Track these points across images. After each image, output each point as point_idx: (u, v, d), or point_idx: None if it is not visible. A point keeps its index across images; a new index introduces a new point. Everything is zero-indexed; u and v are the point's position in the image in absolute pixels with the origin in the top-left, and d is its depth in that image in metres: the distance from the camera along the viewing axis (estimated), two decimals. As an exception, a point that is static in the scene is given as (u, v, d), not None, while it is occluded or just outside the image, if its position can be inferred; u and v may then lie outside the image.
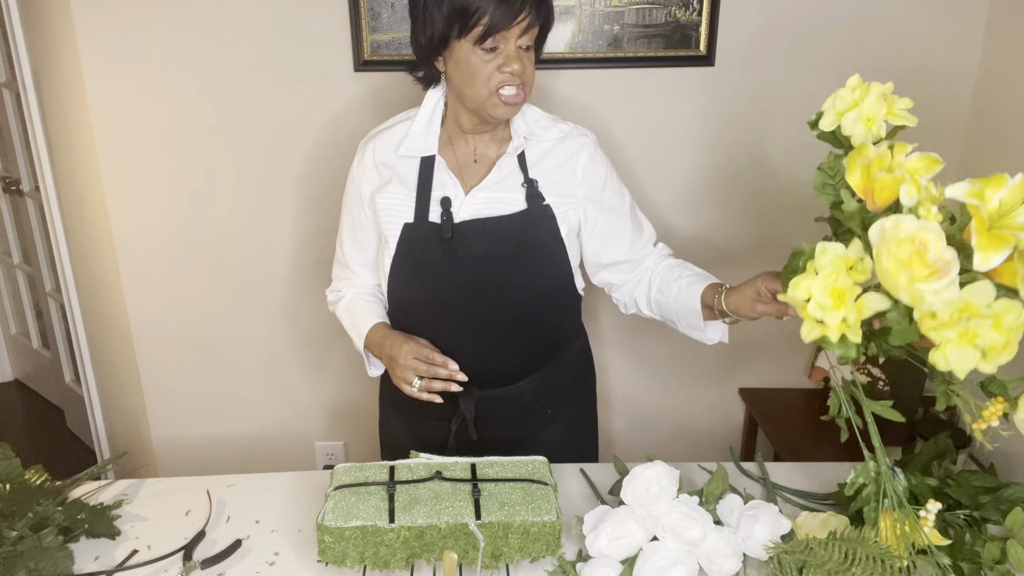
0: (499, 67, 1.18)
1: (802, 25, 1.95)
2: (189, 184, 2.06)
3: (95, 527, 1.14)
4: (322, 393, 2.28)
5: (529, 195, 1.30)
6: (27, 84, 2.18)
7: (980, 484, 1.17)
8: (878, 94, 0.86)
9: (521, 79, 1.20)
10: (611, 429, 2.33)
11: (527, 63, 1.20)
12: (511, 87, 1.19)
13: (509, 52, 1.18)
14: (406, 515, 1.04)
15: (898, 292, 0.79)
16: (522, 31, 1.17)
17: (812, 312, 0.84)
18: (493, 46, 1.17)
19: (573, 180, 1.33)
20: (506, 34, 1.16)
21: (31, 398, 3.28)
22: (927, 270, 0.77)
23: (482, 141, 1.32)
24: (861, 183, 0.87)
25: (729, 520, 1.08)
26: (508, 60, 1.18)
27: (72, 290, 2.38)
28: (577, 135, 1.35)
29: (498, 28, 1.15)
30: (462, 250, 1.28)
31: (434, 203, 1.30)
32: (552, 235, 1.31)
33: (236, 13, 1.91)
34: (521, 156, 1.32)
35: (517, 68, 1.18)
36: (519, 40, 1.18)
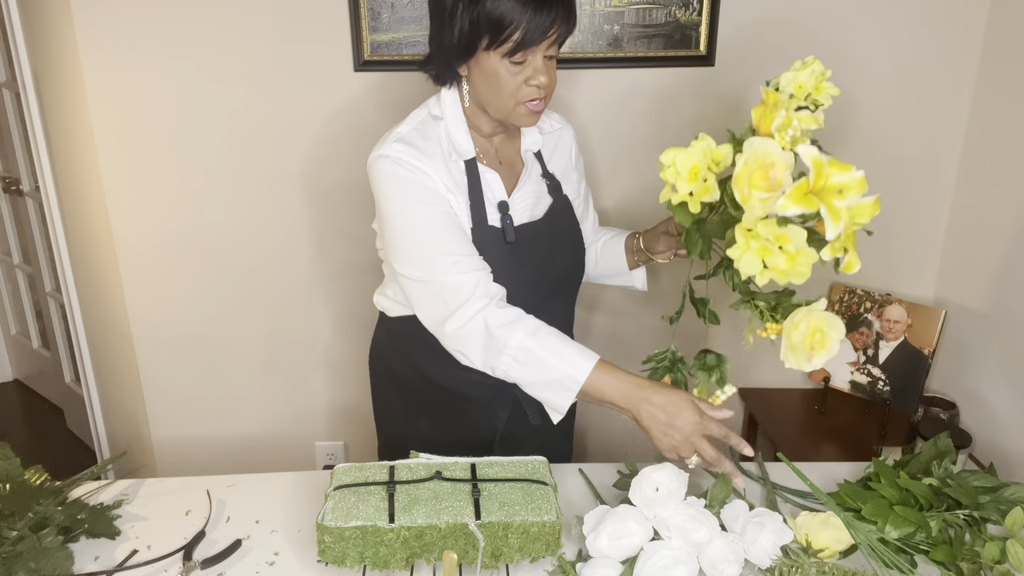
0: (527, 79, 1.17)
1: (802, 25, 1.95)
2: (189, 184, 2.06)
3: (95, 527, 1.14)
4: (322, 393, 2.28)
5: (551, 188, 1.36)
6: (27, 84, 2.18)
7: (980, 484, 1.17)
8: (817, 72, 1.07)
9: (547, 91, 1.20)
10: (612, 429, 2.33)
11: (552, 74, 1.20)
12: (538, 101, 1.20)
13: (537, 65, 1.17)
14: (406, 515, 1.04)
15: (738, 191, 0.99)
16: (550, 44, 1.17)
17: (669, 176, 1.08)
18: (523, 60, 1.16)
19: (569, 166, 1.41)
20: (535, 48, 1.15)
21: (31, 398, 3.28)
22: (765, 183, 0.97)
23: (499, 140, 1.34)
24: (759, 115, 1.07)
25: (733, 525, 1.08)
26: (536, 73, 1.17)
27: (72, 290, 2.38)
28: (567, 124, 1.44)
29: (530, 44, 1.13)
30: (523, 252, 1.29)
31: (491, 207, 1.27)
32: (575, 223, 1.40)
33: (236, 13, 1.92)
34: (538, 152, 1.37)
35: (544, 80, 1.17)
36: (546, 52, 1.18)
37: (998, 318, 1.89)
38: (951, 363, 2.06)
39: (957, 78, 2.00)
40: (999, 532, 1.11)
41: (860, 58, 1.98)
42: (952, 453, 1.23)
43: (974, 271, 2.00)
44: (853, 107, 2.02)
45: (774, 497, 1.23)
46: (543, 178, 1.36)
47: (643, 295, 2.17)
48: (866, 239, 2.19)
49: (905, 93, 2.02)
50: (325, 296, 2.17)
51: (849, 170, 0.96)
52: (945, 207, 2.10)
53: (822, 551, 1.08)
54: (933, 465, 1.21)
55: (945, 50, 1.98)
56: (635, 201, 2.10)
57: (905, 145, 2.06)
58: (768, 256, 0.98)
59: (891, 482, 1.16)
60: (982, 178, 1.98)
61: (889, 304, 2.09)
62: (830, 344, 1.04)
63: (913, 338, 2.05)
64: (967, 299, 2.02)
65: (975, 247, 2.00)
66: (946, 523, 1.11)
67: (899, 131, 2.04)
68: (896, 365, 2.07)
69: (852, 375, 2.14)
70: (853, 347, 2.14)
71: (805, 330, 1.04)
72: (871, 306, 2.11)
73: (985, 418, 1.92)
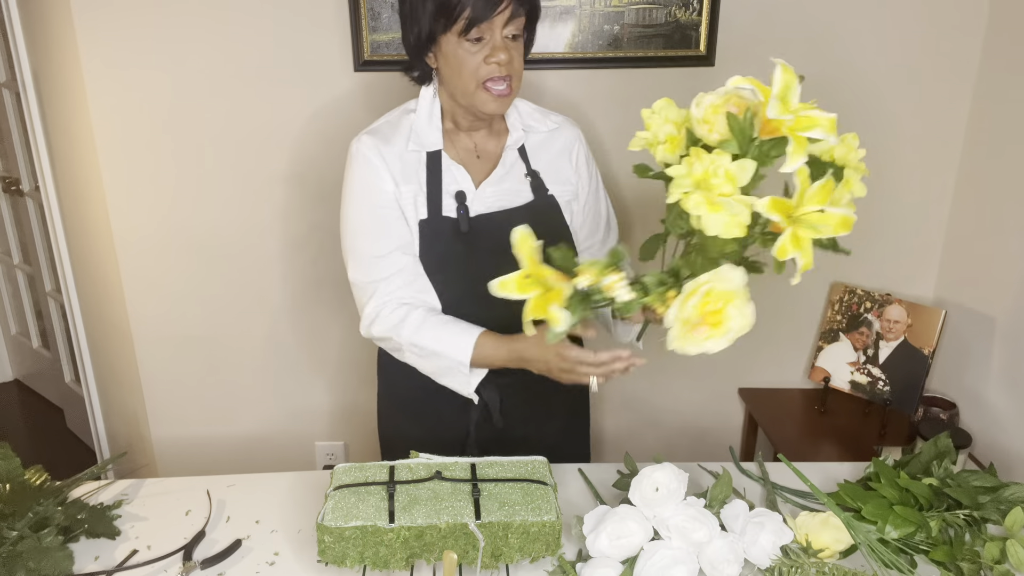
0: (485, 58, 1.19)
1: (802, 25, 1.95)
2: (189, 184, 2.06)
3: (95, 527, 1.14)
4: (322, 393, 2.28)
5: (534, 186, 1.34)
6: (27, 84, 2.18)
7: (980, 484, 1.17)
8: (854, 146, 1.09)
9: (508, 70, 1.20)
10: (611, 429, 2.33)
11: (514, 54, 1.21)
12: (499, 82, 1.20)
13: (495, 42, 1.19)
14: (406, 515, 1.04)
15: (699, 132, 1.01)
16: (506, 20, 1.18)
17: (645, 135, 1.10)
18: (478, 36, 1.18)
19: (570, 168, 1.38)
20: (490, 23, 1.17)
21: (31, 398, 3.28)
22: (716, 137, 0.99)
23: (480, 136, 1.34)
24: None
25: (733, 525, 1.08)
26: (494, 51, 1.19)
27: (72, 290, 2.38)
28: (569, 125, 1.40)
29: (481, 18, 1.16)
30: (479, 244, 1.29)
31: (448, 197, 1.30)
32: (560, 225, 1.36)
33: (236, 13, 1.92)
34: (522, 148, 1.34)
35: (504, 58, 1.19)
36: (505, 29, 1.19)
37: (998, 318, 1.89)
38: (951, 363, 2.06)
39: (957, 78, 2.00)
40: (999, 532, 1.11)
41: (860, 58, 1.98)
42: (952, 453, 1.23)
43: (974, 271, 2.00)
44: (853, 107, 2.02)
45: (774, 497, 1.23)
46: (527, 176, 1.34)
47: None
48: (866, 239, 2.20)
49: (905, 93, 2.01)
50: (325, 296, 2.17)
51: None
52: (945, 207, 2.10)
53: (822, 551, 1.08)
54: (933, 465, 1.21)
55: (945, 50, 1.97)
56: (635, 201, 2.10)
57: (905, 145, 2.06)
58: (713, 208, 0.94)
59: (891, 482, 1.16)
60: (982, 178, 1.98)
61: (889, 304, 2.09)
62: (727, 324, 0.94)
63: (913, 338, 2.05)
64: (967, 299, 2.02)
65: (975, 247, 2.00)
66: (946, 523, 1.11)
67: (899, 131, 2.04)
68: (896, 365, 2.07)
69: (852, 375, 2.14)
70: (853, 347, 2.14)
71: (700, 300, 0.93)
72: (871, 306, 2.11)
73: (985, 418, 1.92)
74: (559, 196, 1.36)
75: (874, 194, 2.17)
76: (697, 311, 0.93)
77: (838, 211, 0.94)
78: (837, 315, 2.16)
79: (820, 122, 0.94)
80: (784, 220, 0.93)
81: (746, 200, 0.94)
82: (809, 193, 0.94)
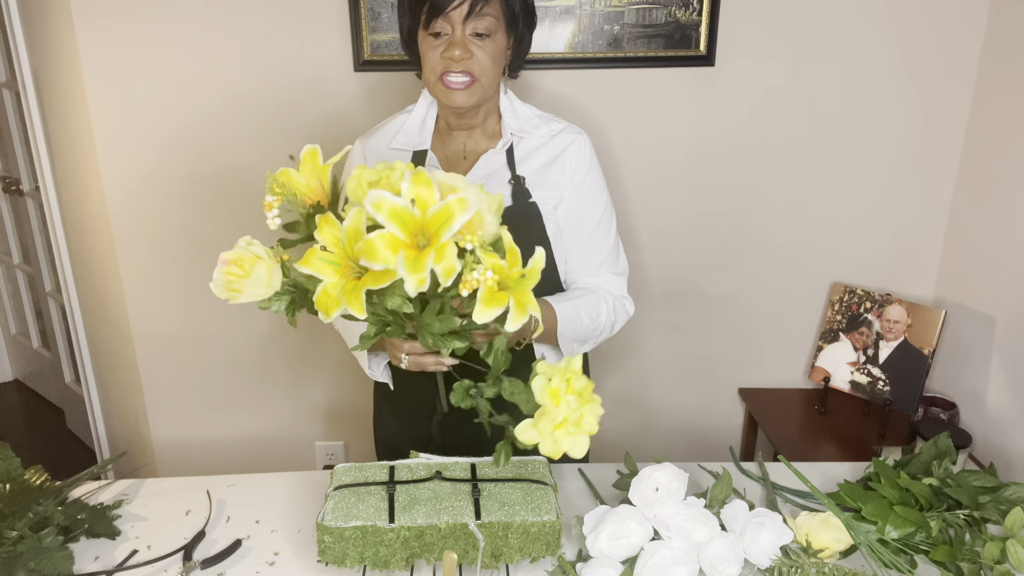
0: (442, 53, 1.21)
1: (802, 25, 1.95)
2: (189, 184, 2.06)
3: (95, 527, 1.14)
4: (322, 393, 2.28)
5: (515, 191, 1.30)
6: (27, 84, 2.18)
7: (980, 484, 1.17)
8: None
9: (465, 65, 1.21)
10: (612, 429, 2.33)
11: (477, 51, 1.21)
12: (453, 74, 1.21)
13: (454, 38, 1.20)
14: (406, 515, 1.04)
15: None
16: (465, 16, 1.18)
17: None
18: (437, 31, 1.20)
19: (561, 175, 1.32)
20: (448, 19, 1.18)
21: (31, 398, 3.28)
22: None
23: (472, 138, 1.34)
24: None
25: (733, 525, 1.08)
26: (450, 46, 1.20)
27: (72, 290, 2.38)
28: (571, 132, 1.35)
29: (436, 11, 1.18)
30: None
31: None
32: (537, 234, 1.31)
33: (236, 13, 1.92)
34: (509, 152, 1.32)
35: (457, 53, 1.19)
36: (467, 26, 1.19)
37: (998, 318, 1.89)
38: (951, 363, 2.06)
39: (957, 78, 2.00)
40: (999, 532, 1.11)
41: (860, 58, 1.98)
42: (952, 453, 1.23)
43: (974, 271, 2.00)
44: (852, 107, 2.02)
45: (774, 497, 1.23)
46: (510, 181, 1.31)
47: (640, 297, 2.18)
48: (866, 239, 2.20)
49: (905, 93, 2.02)
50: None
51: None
52: (945, 207, 2.10)
53: (822, 551, 1.08)
54: (933, 465, 1.21)
55: (945, 50, 1.98)
56: (633, 201, 2.10)
57: (905, 145, 2.06)
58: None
59: (891, 482, 1.16)
60: (982, 178, 1.98)
61: (889, 304, 2.09)
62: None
63: (913, 338, 2.05)
64: (967, 299, 2.02)
65: (975, 247, 2.00)
66: (946, 523, 1.11)
67: (899, 131, 2.04)
68: (896, 365, 2.07)
69: (852, 375, 2.14)
70: (853, 347, 2.14)
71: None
72: (871, 306, 2.11)
73: (985, 418, 1.92)
74: (542, 203, 1.31)
75: (874, 194, 2.18)
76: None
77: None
78: (837, 315, 2.16)
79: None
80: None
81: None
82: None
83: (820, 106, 2.03)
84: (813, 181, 2.09)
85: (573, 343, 1.32)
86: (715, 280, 2.18)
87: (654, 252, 2.15)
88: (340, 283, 0.92)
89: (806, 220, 2.13)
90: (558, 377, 0.94)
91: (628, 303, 1.39)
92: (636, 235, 2.13)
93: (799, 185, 2.10)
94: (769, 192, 2.10)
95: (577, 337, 1.31)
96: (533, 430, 0.94)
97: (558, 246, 1.34)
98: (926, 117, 2.04)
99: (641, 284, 2.16)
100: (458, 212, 0.88)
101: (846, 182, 2.09)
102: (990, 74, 1.95)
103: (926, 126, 2.05)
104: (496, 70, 1.25)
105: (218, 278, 0.98)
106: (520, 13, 1.25)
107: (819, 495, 1.14)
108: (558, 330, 1.27)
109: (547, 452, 0.94)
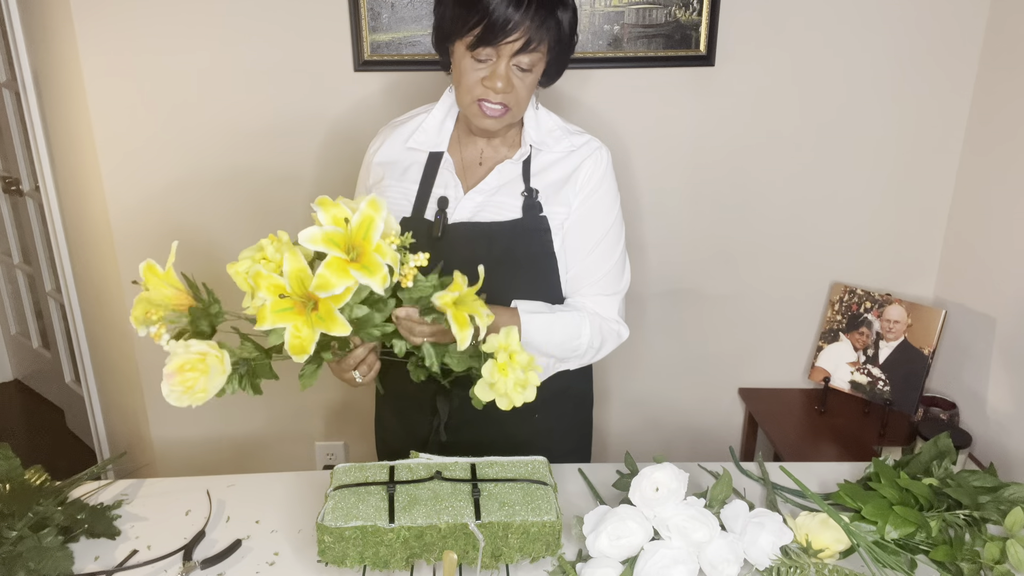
0: (483, 79, 1.17)
1: (802, 24, 1.95)
2: (189, 184, 2.06)
3: (95, 527, 1.14)
4: (322, 393, 2.28)
5: (526, 205, 1.28)
6: (27, 84, 2.18)
7: (980, 484, 1.17)
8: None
9: (503, 98, 1.18)
10: (612, 429, 2.33)
11: (518, 84, 1.18)
12: (491, 104, 1.19)
13: (499, 69, 1.16)
14: (406, 515, 1.04)
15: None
16: (515, 51, 1.15)
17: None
18: (485, 58, 1.16)
19: (574, 190, 1.29)
20: (499, 49, 1.15)
21: (31, 398, 3.28)
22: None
23: (491, 145, 1.32)
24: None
25: (733, 525, 1.08)
26: (493, 76, 1.16)
27: (72, 290, 2.38)
28: (591, 148, 1.31)
29: (487, 42, 1.14)
30: (449, 252, 1.24)
31: (433, 201, 1.29)
32: (544, 248, 1.28)
33: (236, 13, 1.91)
34: (526, 163, 1.29)
35: (500, 86, 1.16)
36: (513, 59, 1.16)
37: (998, 318, 1.89)
38: (951, 363, 2.06)
39: (957, 78, 2.00)
40: (999, 532, 1.11)
41: (860, 57, 1.98)
42: (952, 453, 1.23)
43: (974, 271, 2.00)
44: (852, 107, 2.02)
45: (774, 497, 1.23)
46: (523, 193, 1.28)
47: (640, 297, 2.18)
48: (866, 239, 2.20)
49: (905, 93, 2.02)
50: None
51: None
52: (945, 207, 2.10)
53: (822, 551, 1.08)
54: (933, 465, 1.21)
55: (945, 50, 1.98)
56: (633, 201, 2.10)
57: (905, 145, 2.06)
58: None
59: (891, 482, 1.16)
60: (982, 178, 1.98)
61: (889, 304, 2.09)
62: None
63: (913, 338, 2.05)
64: (967, 299, 2.02)
65: (975, 247, 2.00)
66: (946, 523, 1.11)
67: (899, 131, 2.04)
68: (896, 365, 2.07)
69: (852, 375, 2.14)
70: (853, 347, 2.14)
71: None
72: (871, 306, 2.11)
73: (985, 418, 1.92)
74: (552, 217, 1.28)
75: (874, 194, 2.18)
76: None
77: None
78: (837, 315, 2.16)
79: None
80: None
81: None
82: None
83: (820, 106, 2.03)
84: (813, 181, 2.09)
85: (544, 357, 1.29)
86: (715, 280, 2.18)
87: (654, 252, 2.15)
88: (307, 319, 0.99)
89: (806, 220, 2.13)
90: (503, 353, 1.04)
91: (621, 328, 1.34)
92: (636, 235, 2.13)
93: (799, 185, 2.10)
94: (769, 192, 2.10)
95: (549, 352, 1.28)
96: (489, 390, 1.05)
97: (564, 262, 1.31)
98: (926, 116, 2.04)
99: (641, 284, 2.16)
100: (375, 213, 0.99)
101: (846, 182, 2.09)
102: (990, 74, 1.95)
103: (926, 125, 2.05)
104: (530, 97, 1.23)
105: (174, 390, 0.98)
106: (564, 43, 1.21)
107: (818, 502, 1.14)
108: (522, 338, 1.21)
109: (502, 406, 1.05)
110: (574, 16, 1.21)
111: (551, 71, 1.25)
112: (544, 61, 1.20)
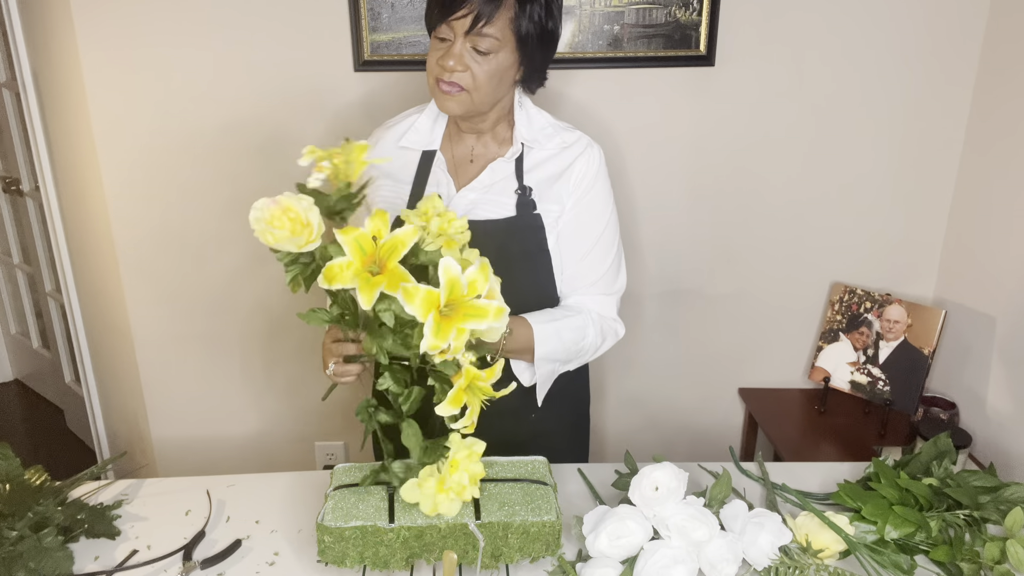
0: (439, 59, 1.21)
1: (802, 25, 1.95)
2: (189, 184, 2.06)
3: (95, 527, 1.14)
4: (322, 393, 2.28)
5: (520, 202, 1.29)
6: (27, 84, 2.18)
7: (980, 484, 1.17)
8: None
9: (455, 77, 1.20)
10: (611, 429, 2.33)
11: (474, 65, 1.20)
12: (444, 82, 1.21)
13: (454, 49, 1.19)
14: (406, 515, 1.04)
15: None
16: (467, 29, 1.17)
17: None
18: (441, 36, 1.21)
19: (567, 188, 1.30)
20: (452, 27, 1.18)
21: (31, 398, 3.28)
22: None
23: (481, 142, 1.32)
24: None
25: (732, 525, 1.08)
26: (446, 55, 1.20)
27: (72, 290, 2.38)
28: (583, 145, 1.31)
29: (440, 17, 1.18)
30: None
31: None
32: (538, 245, 1.29)
33: (236, 13, 1.92)
34: (519, 161, 1.30)
35: (450, 63, 1.19)
36: (470, 39, 1.18)
37: (998, 318, 1.89)
38: (951, 363, 2.06)
39: (957, 78, 2.00)
40: (999, 532, 1.11)
41: (860, 57, 1.98)
42: (952, 453, 1.23)
43: (974, 271, 2.00)
44: (853, 107, 2.02)
45: (774, 497, 1.23)
46: (516, 191, 1.29)
47: (640, 297, 2.18)
48: (866, 239, 2.20)
49: (905, 91, 2.02)
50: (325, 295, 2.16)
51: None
52: (945, 207, 2.10)
53: (821, 551, 1.08)
54: (933, 465, 1.21)
55: (945, 50, 1.98)
56: (633, 201, 2.10)
57: (905, 145, 2.06)
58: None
59: (891, 482, 1.16)
60: (982, 178, 1.98)
61: (889, 304, 2.09)
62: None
63: (913, 338, 2.05)
64: (967, 299, 2.02)
65: (975, 247, 2.00)
66: (946, 523, 1.11)
67: (899, 130, 2.04)
68: (896, 365, 2.07)
69: (852, 375, 2.14)
70: (853, 347, 2.14)
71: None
72: (871, 306, 2.11)
73: (985, 418, 1.92)
74: (546, 214, 1.29)
75: (874, 194, 2.18)
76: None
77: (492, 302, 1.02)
78: (837, 315, 2.16)
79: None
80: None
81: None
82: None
83: (820, 105, 2.03)
84: (813, 181, 2.09)
85: (553, 363, 1.30)
86: (715, 280, 2.19)
87: (654, 252, 2.15)
88: (359, 269, 1.00)
89: (806, 220, 2.13)
90: (463, 452, 1.04)
91: (619, 326, 1.36)
92: (636, 235, 2.13)
93: (799, 185, 2.10)
94: (769, 192, 2.10)
95: (557, 358, 1.29)
96: (417, 490, 1.04)
97: (558, 259, 1.32)
98: (926, 116, 2.04)
99: (641, 284, 2.16)
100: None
101: (846, 182, 2.09)
102: (990, 73, 1.95)
103: (926, 125, 2.05)
104: (494, 86, 1.23)
105: (265, 216, 1.02)
106: (532, 36, 1.21)
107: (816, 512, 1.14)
108: (535, 350, 1.26)
109: (425, 510, 1.04)
110: (546, 9, 1.21)
111: (529, 71, 1.26)
112: (511, 50, 1.21)
